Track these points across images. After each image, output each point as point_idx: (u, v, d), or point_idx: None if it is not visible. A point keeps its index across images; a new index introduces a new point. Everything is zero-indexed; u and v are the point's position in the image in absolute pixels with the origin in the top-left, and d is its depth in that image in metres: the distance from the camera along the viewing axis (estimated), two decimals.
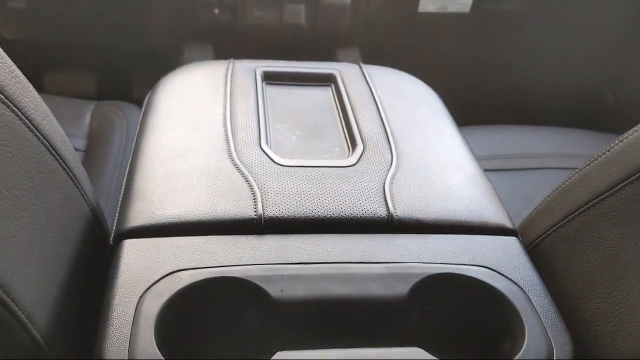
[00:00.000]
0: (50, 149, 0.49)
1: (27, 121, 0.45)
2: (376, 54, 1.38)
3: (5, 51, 0.47)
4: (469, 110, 1.15)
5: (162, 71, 0.88)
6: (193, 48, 1.30)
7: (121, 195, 0.64)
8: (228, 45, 1.33)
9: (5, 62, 0.45)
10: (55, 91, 1.28)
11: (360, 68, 0.90)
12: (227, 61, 0.88)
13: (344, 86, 0.84)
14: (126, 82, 1.43)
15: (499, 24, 1.43)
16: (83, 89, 1.39)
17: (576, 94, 1.48)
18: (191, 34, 1.31)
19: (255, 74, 0.85)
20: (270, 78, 0.86)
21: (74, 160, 0.55)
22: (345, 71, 0.88)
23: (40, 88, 0.53)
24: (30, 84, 0.50)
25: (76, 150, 0.93)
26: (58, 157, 0.50)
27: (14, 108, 0.44)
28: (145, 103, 0.82)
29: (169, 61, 1.33)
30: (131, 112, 1.12)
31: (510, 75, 1.49)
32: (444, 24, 1.41)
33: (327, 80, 0.87)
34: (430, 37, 1.43)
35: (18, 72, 0.48)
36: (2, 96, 0.43)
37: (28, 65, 0.61)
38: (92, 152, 1.02)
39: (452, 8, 1.38)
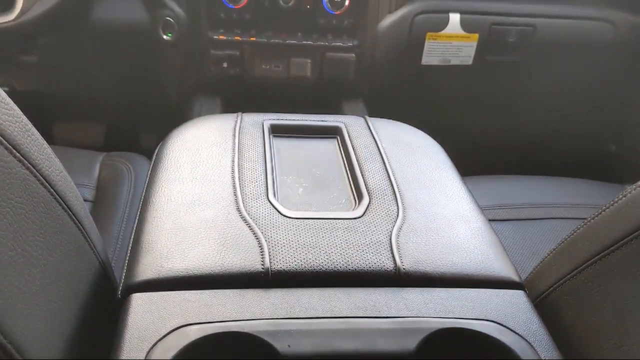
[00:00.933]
0: (63, 204, 0.50)
1: (41, 178, 0.46)
2: (380, 106, 1.41)
3: (17, 102, 0.49)
4: (473, 160, 1.17)
5: (171, 122, 0.90)
6: (202, 100, 1.33)
7: (129, 248, 0.64)
8: (236, 96, 1.36)
9: (22, 121, 0.47)
10: (65, 142, 1.30)
11: (366, 120, 0.91)
12: (235, 115, 0.90)
13: (350, 138, 0.85)
14: (135, 133, 1.45)
15: (501, 75, 1.46)
16: (92, 140, 1.42)
17: (579, 143, 1.50)
18: (200, 87, 1.35)
19: (262, 126, 0.87)
20: (278, 131, 0.87)
21: (85, 214, 0.56)
22: (351, 123, 0.90)
23: (50, 139, 0.54)
24: (44, 141, 0.51)
25: (85, 201, 0.94)
26: (70, 212, 0.51)
27: (29, 165, 0.45)
28: (155, 155, 0.83)
29: (177, 113, 1.36)
30: (139, 163, 1.13)
31: (514, 125, 1.51)
32: (446, 76, 1.44)
33: (333, 132, 0.89)
34: (434, 89, 1.46)
35: (33, 129, 0.50)
36: (18, 154, 0.44)
37: (39, 116, 0.63)
38: (101, 203, 1.03)
39: (455, 61, 1.41)
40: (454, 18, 1.36)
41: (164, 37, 1.28)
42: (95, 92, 1.42)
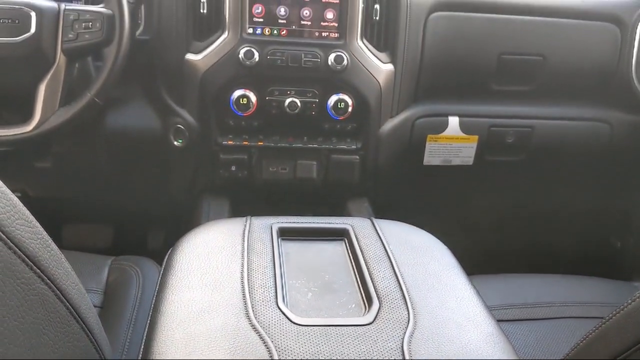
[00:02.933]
0: (77, 317, 0.50)
1: (59, 293, 0.47)
2: (385, 205, 1.43)
3: (28, 206, 0.50)
4: (479, 259, 1.17)
5: (180, 225, 0.92)
6: (210, 202, 1.36)
7: (139, 356, 0.64)
8: (244, 199, 1.39)
9: (42, 237, 0.48)
10: (74, 244, 1.32)
11: (372, 222, 0.93)
12: (244, 218, 0.92)
13: (357, 241, 0.86)
14: (143, 236, 1.47)
15: (502, 174, 1.49)
16: (101, 242, 1.43)
17: (584, 241, 1.51)
18: (209, 190, 1.38)
19: (271, 230, 0.88)
20: (286, 234, 0.89)
21: (97, 325, 0.56)
22: (358, 225, 0.91)
23: (59, 241, 0.55)
24: (60, 253, 0.53)
25: (94, 307, 0.94)
26: (83, 325, 0.52)
27: (48, 281, 0.46)
28: (165, 262, 0.84)
29: (186, 215, 1.39)
30: (147, 267, 1.14)
31: (517, 223, 1.53)
32: (449, 176, 1.47)
33: (340, 234, 0.90)
34: (437, 188, 1.49)
35: (52, 244, 0.51)
36: (38, 270, 0.45)
37: (50, 219, 0.64)
38: (109, 308, 1.03)
39: (456, 161, 1.45)
40: (453, 121, 1.42)
41: (175, 143, 1.33)
42: (106, 195, 1.46)
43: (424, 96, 1.40)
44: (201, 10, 1.26)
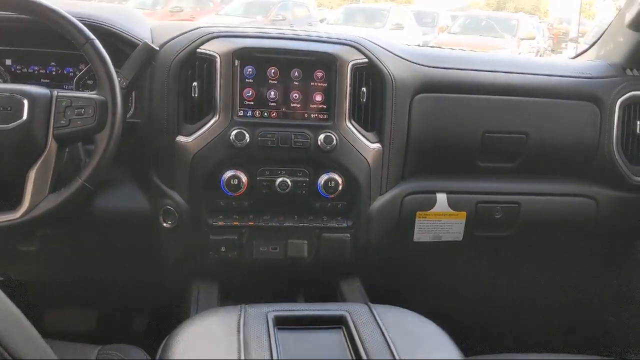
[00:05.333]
0: None
1: None
2: (377, 283, 1.42)
3: (11, 291, 0.48)
4: (474, 337, 1.16)
5: (168, 308, 0.89)
6: (200, 285, 1.33)
7: None
8: (234, 280, 1.37)
9: (33, 336, 0.47)
10: (58, 329, 1.27)
11: (370, 308, 0.92)
12: (238, 307, 0.90)
13: (356, 329, 0.85)
14: (128, 322, 1.43)
15: (491, 250, 1.50)
16: (86, 327, 1.39)
17: (576, 318, 1.50)
18: (198, 271, 1.36)
19: (267, 319, 0.87)
20: (282, 322, 0.87)
21: None
22: (355, 312, 0.90)
23: (43, 327, 0.53)
24: (47, 346, 0.51)
25: None
26: None
27: None
28: (159, 354, 0.82)
29: (175, 298, 1.36)
30: (137, 355, 1.10)
31: (511, 300, 1.52)
32: (439, 251, 1.48)
33: (338, 322, 0.89)
34: (428, 264, 1.49)
35: (40, 341, 0.49)
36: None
37: (33, 304, 0.62)
38: None
39: (446, 237, 1.46)
40: (441, 198, 1.43)
41: (164, 224, 1.32)
42: (92, 278, 1.42)
43: (411, 173, 1.42)
44: (192, 95, 1.28)
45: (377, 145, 1.35)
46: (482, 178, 1.46)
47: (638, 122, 1.45)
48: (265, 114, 1.31)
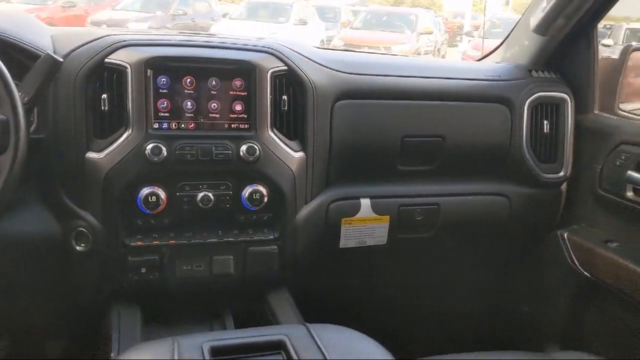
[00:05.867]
0: None
1: None
2: (305, 292, 1.40)
3: None
4: (403, 341, 1.17)
5: (85, 334, 0.82)
6: (120, 309, 1.25)
7: None
8: (157, 302, 1.30)
9: None
10: None
11: (308, 330, 0.90)
12: (170, 340, 0.85)
13: (296, 353, 0.83)
14: (45, 350, 1.32)
15: (414, 252, 1.53)
16: None
17: (497, 311, 1.56)
18: (117, 295, 1.27)
19: (202, 351, 0.82)
20: (219, 353, 0.83)
21: None
22: (294, 335, 0.88)
23: None
24: None
25: None
26: None
27: None
28: None
29: (92, 324, 1.27)
30: None
31: (433, 298, 1.55)
32: (365, 256, 1.48)
33: (277, 347, 0.86)
34: (355, 270, 1.49)
35: None
36: None
37: None
38: None
39: (370, 242, 1.46)
40: (365, 203, 1.44)
41: (77, 248, 1.22)
42: (0, 303, 1.30)
43: (335, 180, 1.41)
44: (102, 107, 1.20)
45: (300, 154, 1.33)
46: (403, 182, 1.48)
47: (545, 122, 1.52)
48: (183, 125, 1.25)
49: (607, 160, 1.46)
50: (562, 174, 1.54)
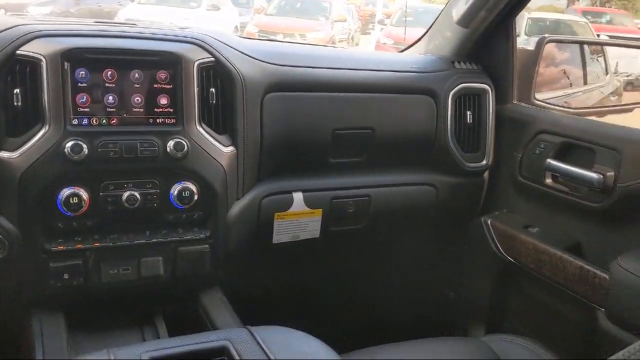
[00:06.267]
0: None
1: None
2: (239, 290, 1.38)
3: None
4: (339, 335, 1.17)
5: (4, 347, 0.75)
6: (42, 318, 1.17)
7: None
8: (83, 309, 1.22)
9: None
10: None
11: (250, 333, 0.87)
12: (105, 352, 0.80)
13: (240, 358, 0.80)
14: None
15: (347, 244, 1.53)
16: None
17: (426, 297, 1.60)
18: (39, 304, 1.19)
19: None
20: None
21: None
22: (236, 340, 0.85)
23: None
24: None
25: None
26: None
27: None
28: None
29: (10, 335, 1.18)
30: None
31: (368, 292, 1.57)
32: (298, 251, 1.47)
33: (219, 353, 0.83)
34: (289, 265, 1.47)
35: None
36: None
37: None
38: None
39: (304, 235, 1.45)
40: (298, 197, 1.42)
41: None
42: None
43: (267, 175, 1.38)
44: (15, 103, 1.10)
45: (231, 149, 1.29)
46: (334, 174, 1.48)
47: (468, 113, 1.56)
48: (104, 121, 1.17)
49: (526, 148, 1.52)
50: (484, 162, 1.59)
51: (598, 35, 9.48)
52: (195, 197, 1.24)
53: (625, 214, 1.28)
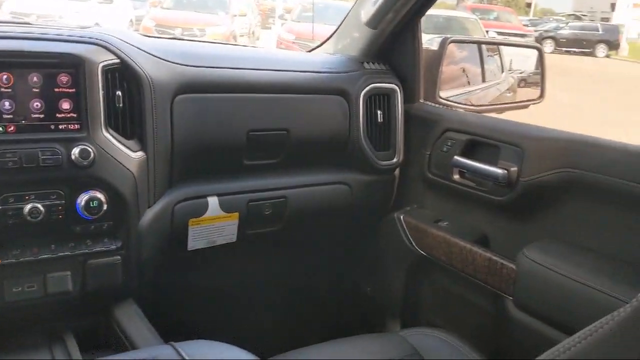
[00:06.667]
0: None
1: None
2: (154, 302, 1.33)
3: None
4: (268, 339, 1.16)
5: None
6: None
7: None
8: None
9: None
10: None
11: (175, 349, 0.84)
12: None
13: None
14: None
15: (265, 247, 1.51)
16: None
17: (346, 295, 1.61)
18: None
19: None
20: None
21: None
22: (161, 357, 0.81)
23: None
24: None
25: None
26: None
27: None
28: None
29: None
30: None
31: (290, 294, 1.56)
32: (215, 257, 1.43)
33: None
34: (207, 272, 1.43)
35: None
36: None
37: None
38: None
39: (220, 241, 1.42)
40: (213, 201, 1.39)
41: None
42: None
43: (180, 180, 1.34)
44: None
45: (140, 154, 1.23)
46: (250, 177, 1.45)
47: (379, 112, 1.59)
48: (1, 129, 1.08)
49: (434, 146, 1.58)
50: (395, 160, 1.63)
51: (487, 32, 10.05)
52: (104, 206, 1.18)
53: (528, 206, 1.36)
